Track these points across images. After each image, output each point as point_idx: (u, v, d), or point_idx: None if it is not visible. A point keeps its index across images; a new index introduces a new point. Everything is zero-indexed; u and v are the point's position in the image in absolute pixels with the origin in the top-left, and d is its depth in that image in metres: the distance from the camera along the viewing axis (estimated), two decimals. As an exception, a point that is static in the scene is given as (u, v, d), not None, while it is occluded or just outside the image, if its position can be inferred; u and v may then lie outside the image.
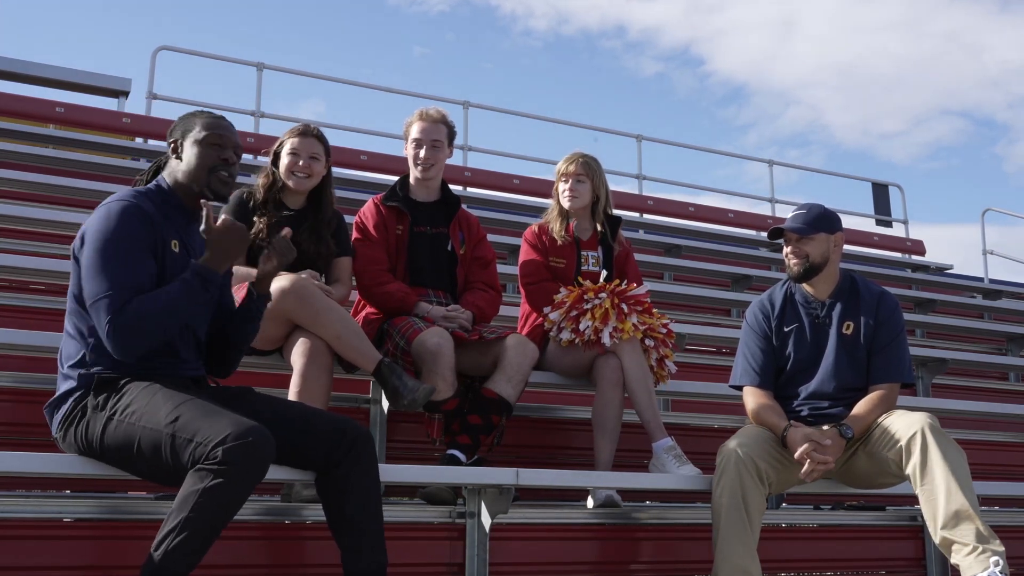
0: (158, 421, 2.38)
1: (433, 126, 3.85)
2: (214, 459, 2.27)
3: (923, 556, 4.02)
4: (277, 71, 10.00)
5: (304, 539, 3.03)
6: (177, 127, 2.74)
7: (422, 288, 3.77)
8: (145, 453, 2.40)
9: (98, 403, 2.48)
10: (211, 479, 2.26)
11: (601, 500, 3.54)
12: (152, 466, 2.43)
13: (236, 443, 2.27)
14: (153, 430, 2.38)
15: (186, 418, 2.36)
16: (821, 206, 3.39)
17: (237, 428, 2.30)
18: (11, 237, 5.15)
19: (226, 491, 2.28)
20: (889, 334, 3.34)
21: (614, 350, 3.65)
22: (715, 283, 7.64)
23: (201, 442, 2.30)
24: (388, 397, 3.30)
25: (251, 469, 2.31)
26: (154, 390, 2.46)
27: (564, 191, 4.03)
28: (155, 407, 2.41)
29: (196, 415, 2.36)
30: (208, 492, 2.26)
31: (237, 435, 2.28)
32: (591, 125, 11.67)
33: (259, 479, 2.36)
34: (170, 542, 2.25)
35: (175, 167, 2.70)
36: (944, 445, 2.98)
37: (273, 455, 2.37)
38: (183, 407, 2.39)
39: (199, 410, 2.38)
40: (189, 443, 2.32)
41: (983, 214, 11.98)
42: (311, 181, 3.64)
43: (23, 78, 10.65)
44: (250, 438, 2.29)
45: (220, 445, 2.27)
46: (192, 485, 2.28)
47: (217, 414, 2.36)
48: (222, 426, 2.31)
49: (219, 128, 2.71)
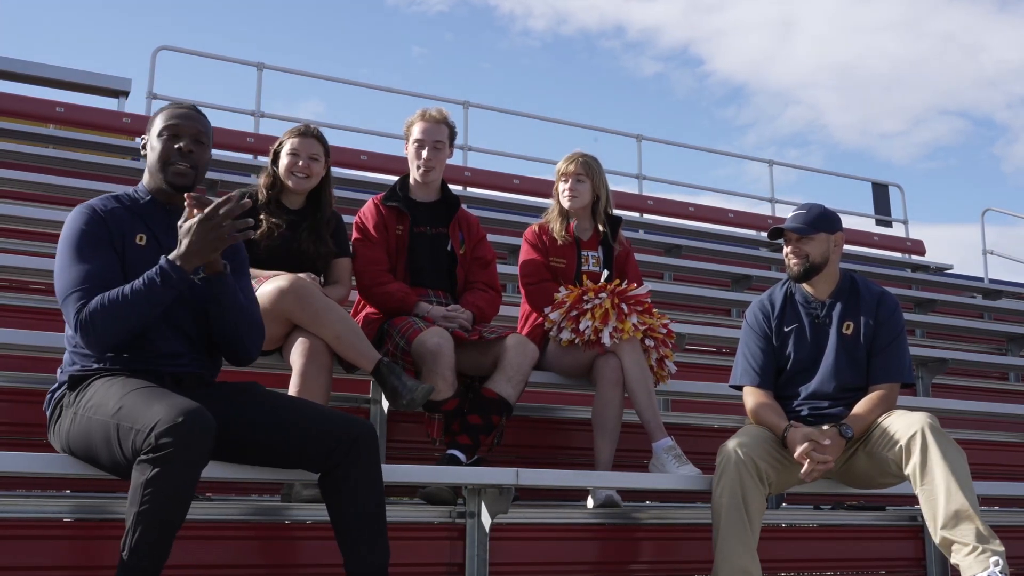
0: (107, 412, 2.35)
1: (435, 127, 3.85)
2: (149, 447, 2.20)
3: (923, 556, 4.02)
4: (277, 71, 10.01)
5: (304, 539, 3.03)
6: (148, 125, 2.75)
7: (422, 288, 3.77)
8: (99, 446, 2.38)
9: (70, 400, 2.50)
10: (150, 469, 2.19)
11: (601, 500, 3.54)
12: (111, 460, 2.38)
13: (168, 426, 2.19)
14: (102, 421, 2.35)
15: (128, 407, 2.30)
16: (821, 206, 3.39)
17: (170, 412, 2.22)
18: (11, 237, 5.15)
19: (167, 479, 2.20)
20: (889, 334, 3.34)
21: (614, 350, 3.65)
22: (715, 283, 7.64)
23: (139, 430, 2.24)
24: (387, 397, 3.30)
25: (186, 451, 2.20)
26: (112, 383, 2.43)
27: (564, 191, 4.03)
28: (107, 398, 2.37)
29: (138, 403, 2.30)
30: (151, 483, 2.19)
31: (169, 419, 2.20)
32: (591, 125, 11.70)
33: (199, 460, 2.26)
34: (131, 540, 2.21)
35: (146, 165, 2.72)
36: (944, 445, 2.98)
37: (211, 435, 2.27)
38: (129, 396, 2.33)
39: (142, 397, 2.31)
40: (130, 431, 2.26)
41: (983, 214, 11.99)
42: (310, 181, 3.64)
43: (23, 78, 10.66)
44: (181, 419, 2.20)
45: (152, 431, 2.20)
46: (136, 479, 2.22)
47: (158, 400, 2.29)
48: (156, 412, 2.23)
49: (175, 118, 2.66)
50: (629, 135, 11.55)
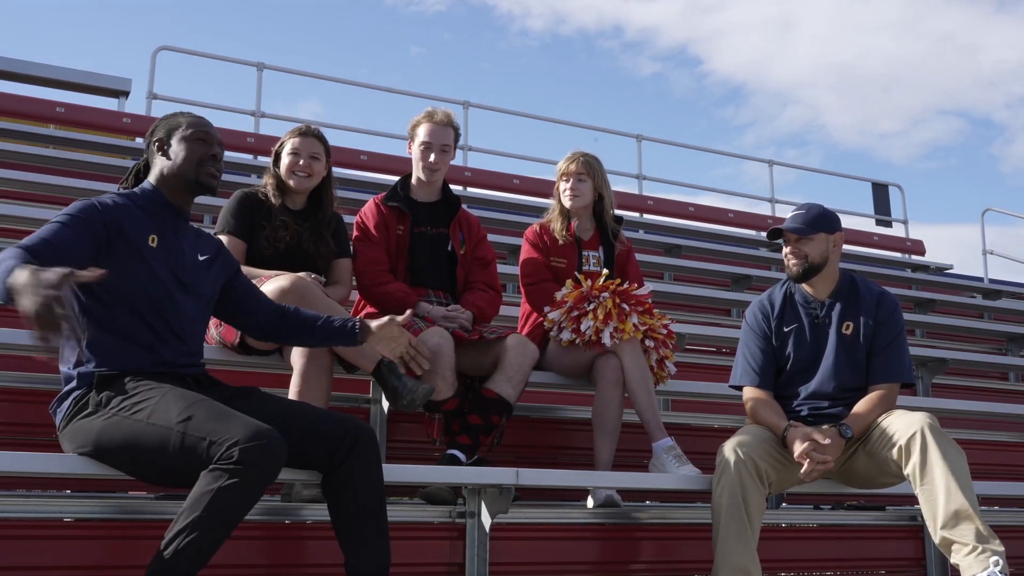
0: (168, 419, 2.38)
1: (443, 130, 3.85)
2: (229, 459, 2.27)
3: (923, 556, 4.02)
4: (277, 71, 10.01)
5: (304, 539, 3.03)
6: (159, 127, 2.79)
7: (422, 288, 3.77)
8: (148, 452, 2.40)
9: (100, 400, 2.49)
10: (226, 479, 2.26)
11: (601, 500, 3.54)
12: (155, 465, 2.43)
13: (251, 444, 2.28)
14: (162, 427, 2.38)
15: (199, 418, 2.36)
16: (820, 206, 3.39)
17: (252, 429, 2.31)
18: (11, 237, 5.15)
19: (240, 491, 2.28)
20: (889, 334, 3.34)
21: (614, 350, 3.65)
22: (715, 283, 7.64)
23: (215, 441, 2.30)
24: (388, 397, 3.30)
25: (265, 470, 2.32)
26: (165, 389, 2.46)
27: (565, 190, 4.02)
28: (166, 405, 2.41)
29: (209, 415, 2.37)
30: (222, 492, 2.26)
31: (252, 436, 2.30)
32: (591, 125, 11.71)
33: (271, 481, 2.38)
34: (180, 541, 2.25)
35: (162, 165, 2.74)
36: (944, 445, 2.98)
37: (285, 458, 2.39)
38: (196, 407, 2.40)
39: (212, 410, 2.39)
40: (201, 442, 2.32)
41: (983, 214, 11.99)
42: (311, 181, 3.65)
43: (23, 78, 10.66)
44: (265, 440, 2.31)
45: (235, 446, 2.28)
46: (206, 485, 2.28)
47: (230, 415, 2.38)
48: (236, 427, 2.32)
49: (204, 125, 2.77)
50: (629, 135, 11.56)
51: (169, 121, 2.78)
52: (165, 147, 2.74)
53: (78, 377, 2.55)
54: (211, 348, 3.34)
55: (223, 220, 3.55)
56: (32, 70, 10.78)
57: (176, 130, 2.74)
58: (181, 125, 2.75)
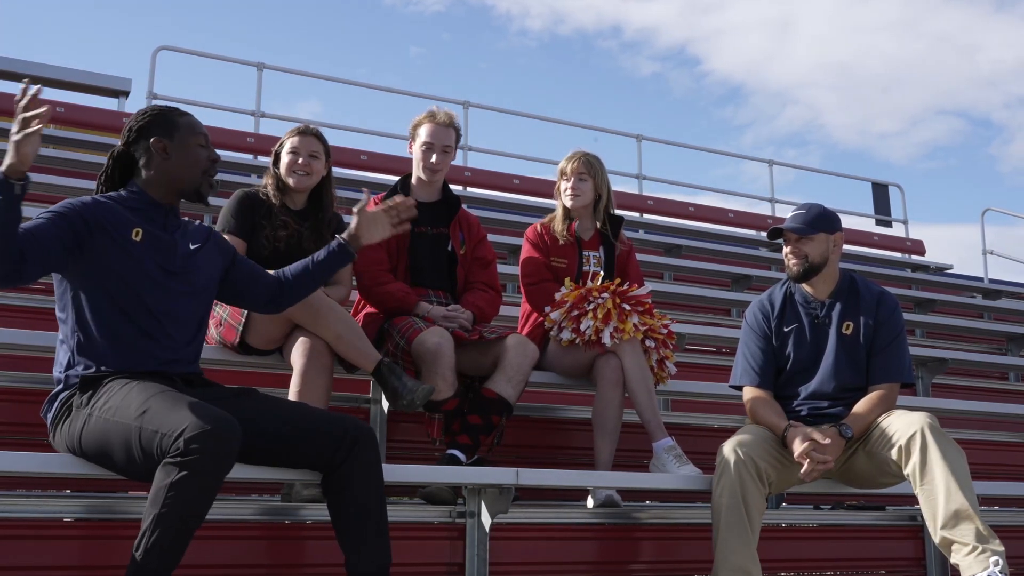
0: (128, 415, 2.36)
1: (445, 131, 3.84)
2: (177, 451, 2.23)
3: (923, 556, 4.02)
4: (277, 71, 10.00)
5: (304, 539, 3.03)
6: (153, 125, 2.70)
7: (422, 288, 3.77)
8: (117, 449, 2.39)
9: (81, 402, 2.49)
10: (176, 472, 2.23)
11: (601, 500, 3.54)
12: (127, 462, 2.40)
13: (196, 432, 2.23)
14: (123, 424, 2.36)
15: (153, 410, 2.33)
16: (820, 206, 3.39)
17: (199, 418, 2.26)
18: (11, 237, 5.14)
19: (191, 483, 2.23)
20: (889, 334, 3.34)
21: (614, 350, 3.65)
22: (715, 283, 7.64)
23: (166, 433, 2.26)
24: (387, 397, 3.30)
25: (214, 458, 2.26)
26: (131, 386, 2.44)
27: (566, 189, 4.02)
28: (128, 401, 2.39)
29: (163, 407, 2.33)
30: (175, 486, 2.22)
31: (197, 424, 2.24)
32: (591, 125, 11.70)
33: (225, 467, 2.30)
34: (147, 540, 2.23)
35: (160, 167, 2.68)
36: (944, 445, 2.98)
37: (237, 443, 2.32)
38: (152, 399, 2.36)
39: (167, 402, 2.34)
40: (154, 435, 2.29)
41: (983, 214, 11.99)
42: (311, 179, 3.65)
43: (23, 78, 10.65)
44: (210, 426, 2.25)
45: (180, 436, 2.23)
46: (160, 480, 2.25)
47: (183, 404, 2.32)
48: (183, 416, 2.27)
49: (201, 127, 2.75)
50: (629, 135, 11.56)
51: (162, 119, 2.70)
52: (167, 149, 2.68)
53: (65, 380, 2.56)
54: (211, 348, 3.34)
55: (223, 219, 3.55)
56: (32, 70, 10.76)
57: (176, 132, 2.69)
58: (180, 127, 2.69)
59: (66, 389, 2.55)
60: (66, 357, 2.57)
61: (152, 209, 2.68)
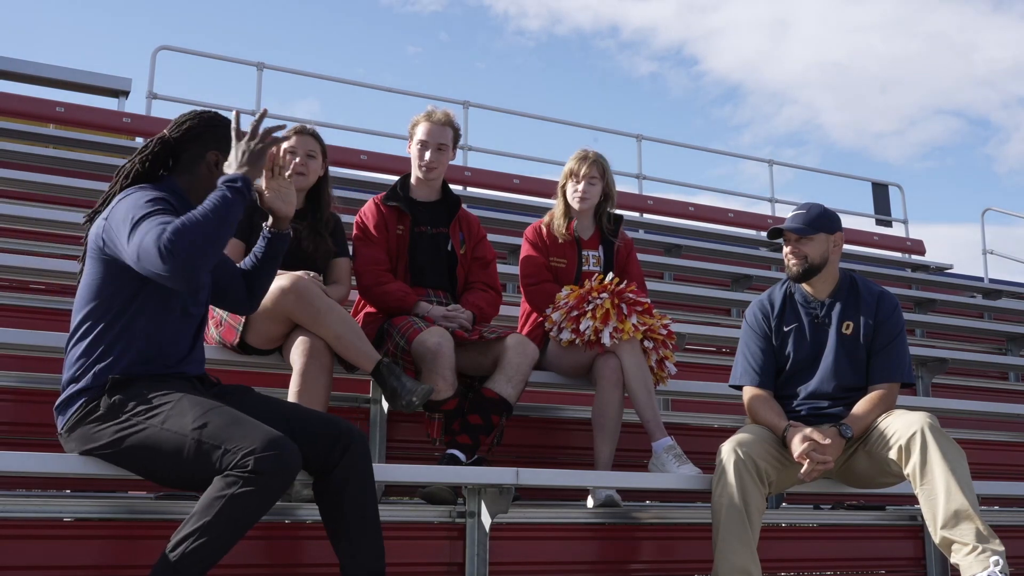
0: (183, 425, 2.38)
1: (440, 129, 3.85)
2: (244, 467, 2.28)
3: (923, 556, 4.02)
4: (277, 71, 10.00)
5: (304, 539, 3.03)
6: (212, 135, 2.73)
7: (422, 288, 3.77)
8: (165, 457, 2.40)
9: (113, 403, 2.46)
10: (239, 486, 2.27)
11: (601, 500, 3.54)
12: (170, 470, 2.42)
13: (267, 453, 2.29)
14: (177, 434, 2.38)
15: (214, 424, 2.36)
16: (821, 206, 3.39)
17: (267, 438, 2.32)
18: (11, 237, 5.15)
19: (252, 500, 2.29)
20: (889, 334, 3.34)
21: (614, 350, 3.65)
22: (715, 283, 7.64)
23: (230, 449, 2.31)
24: (386, 398, 3.30)
25: (280, 480, 2.33)
26: (177, 396, 2.45)
27: (575, 191, 3.99)
28: (181, 412, 2.41)
29: (224, 423, 2.37)
30: (234, 499, 2.27)
31: (268, 445, 2.30)
32: (591, 125, 11.70)
33: (285, 491, 2.39)
34: (188, 545, 2.26)
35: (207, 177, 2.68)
36: (944, 445, 2.98)
37: (299, 468, 2.40)
38: (211, 414, 2.39)
39: (227, 418, 2.39)
40: (216, 450, 2.32)
41: (983, 214, 11.99)
42: (308, 179, 3.65)
43: (23, 78, 10.65)
44: (280, 450, 2.32)
45: (251, 454, 2.28)
46: (218, 491, 2.28)
47: (245, 423, 2.38)
48: (253, 436, 2.33)
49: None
50: (629, 135, 11.56)
51: (223, 133, 2.72)
52: (219, 164, 2.69)
53: (90, 379, 2.51)
54: (211, 348, 3.34)
55: None
56: (32, 70, 10.77)
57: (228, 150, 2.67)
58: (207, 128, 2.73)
59: (91, 387, 2.50)
60: (93, 353, 2.52)
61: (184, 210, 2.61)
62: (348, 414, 3.59)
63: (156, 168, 2.71)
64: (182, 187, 2.69)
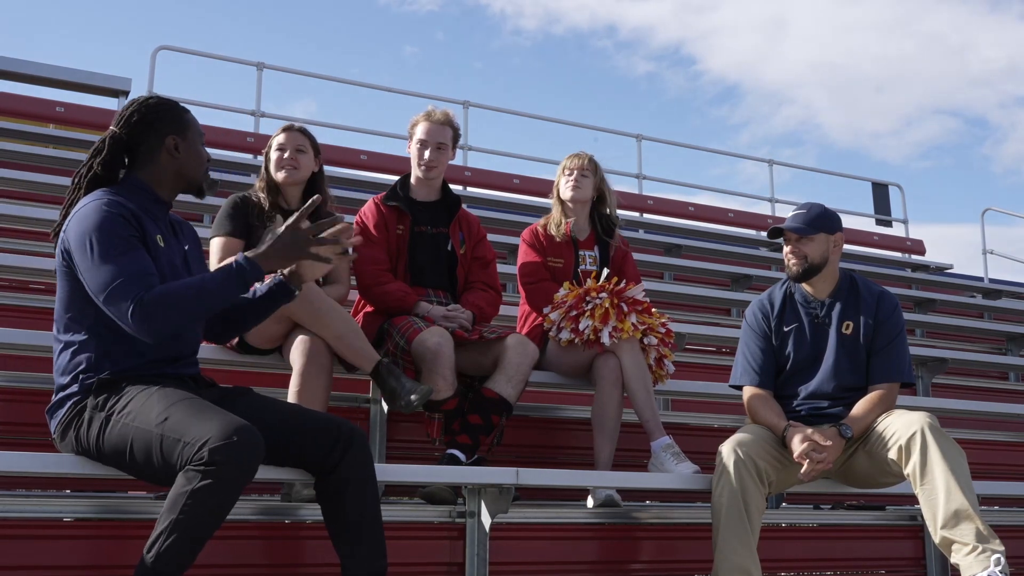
0: (149, 421, 2.35)
1: (439, 128, 3.85)
2: (200, 460, 2.23)
3: (923, 556, 4.01)
4: (277, 71, 10.00)
5: (304, 539, 3.02)
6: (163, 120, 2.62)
7: (422, 288, 3.77)
8: (137, 454, 2.38)
9: (97, 404, 2.46)
10: (199, 480, 2.23)
11: (601, 500, 3.54)
12: (145, 467, 2.40)
13: (222, 443, 2.23)
14: (145, 430, 2.36)
15: (176, 418, 2.33)
16: (821, 206, 3.39)
17: (223, 428, 2.26)
18: (11, 237, 5.16)
19: (214, 492, 2.24)
20: (889, 334, 3.34)
21: (613, 349, 3.65)
22: (715, 283, 7.64)
23: (189, 442, 2.27)
24: (385, 398, 3.30)
25: (238, 469, 2.27)
26: (151, 391, 2.43)
27: (567, 182, 4.04)
28: (148, 407, 2.38)
29: (186, 415, 2.33)
30: (196, 493, 2.23)
31: (223, 435, 2.24)
32: (591, 125, 11.70)
33: (248, 479, 2.31)
34: (161, 544, 2.23)
35: (168, 163, 2.63)
36: (944, 445, 2.98)
37: (262, 455, 2.33)
38: (174, 407, 2.35)
39: (189, 409, 2.34)
40: (177, 443, 2.29)
41: (983, 214, 11.99)
42: (300, 173, 3.65)
43: (23, 78, 10.64)
44: (236, 437, 2.25)
45: (206, 445, 2.23)
46: (181, 487, 2.25)
47: (206, 413, 2.32)
48: (209, 426, 2.27)
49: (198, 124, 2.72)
50: (629, 135, 11.55)
51: (174, 115, 2.65)
52: (179, 147, 2.63)
53: (78, 382, 2.50)
54: (210, 348, 3.33)
55: (219, 224, 3.54)
56: (32, 70, 10.75)
57: (186, 131, 2.65)
58: (189, 124, 2.66)
59: (79, 392, 2.50)
60: (79, 359, 2.51)
61: (156, 208, 2.63)
62: (348, 414, 3.59)
63: (114, 169, 2.62)
64: (147, 182, 2.63)
